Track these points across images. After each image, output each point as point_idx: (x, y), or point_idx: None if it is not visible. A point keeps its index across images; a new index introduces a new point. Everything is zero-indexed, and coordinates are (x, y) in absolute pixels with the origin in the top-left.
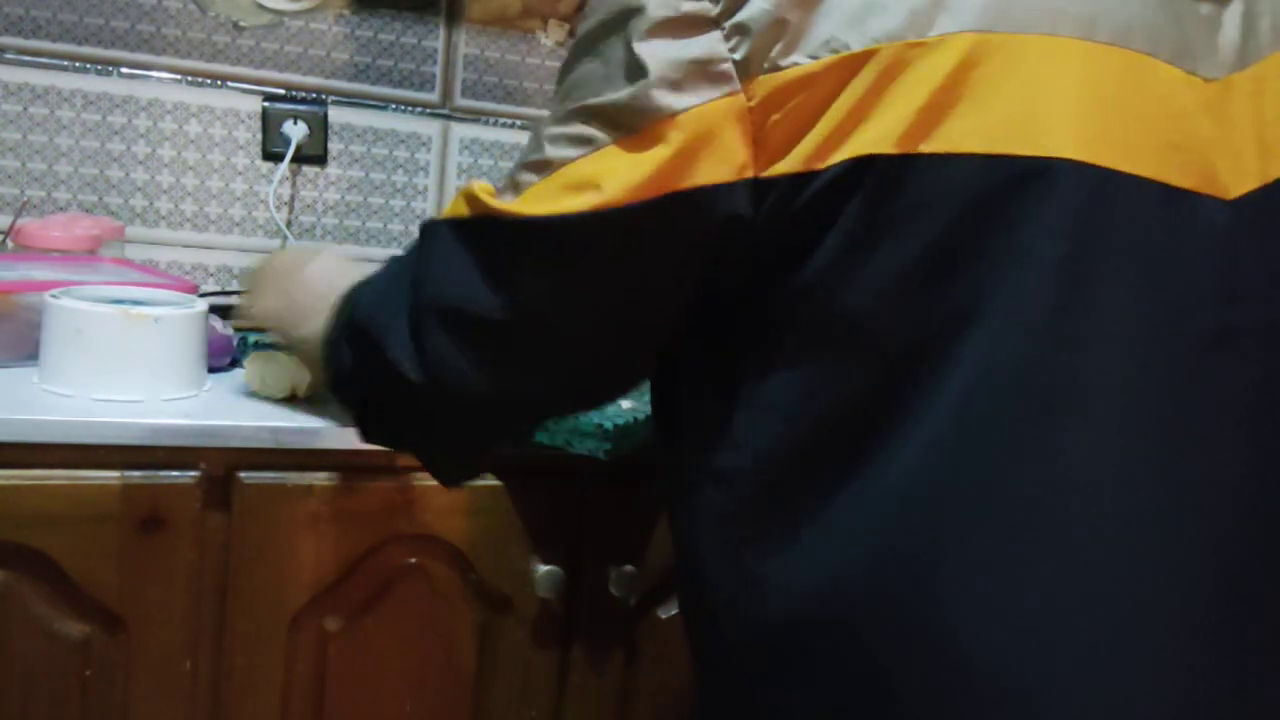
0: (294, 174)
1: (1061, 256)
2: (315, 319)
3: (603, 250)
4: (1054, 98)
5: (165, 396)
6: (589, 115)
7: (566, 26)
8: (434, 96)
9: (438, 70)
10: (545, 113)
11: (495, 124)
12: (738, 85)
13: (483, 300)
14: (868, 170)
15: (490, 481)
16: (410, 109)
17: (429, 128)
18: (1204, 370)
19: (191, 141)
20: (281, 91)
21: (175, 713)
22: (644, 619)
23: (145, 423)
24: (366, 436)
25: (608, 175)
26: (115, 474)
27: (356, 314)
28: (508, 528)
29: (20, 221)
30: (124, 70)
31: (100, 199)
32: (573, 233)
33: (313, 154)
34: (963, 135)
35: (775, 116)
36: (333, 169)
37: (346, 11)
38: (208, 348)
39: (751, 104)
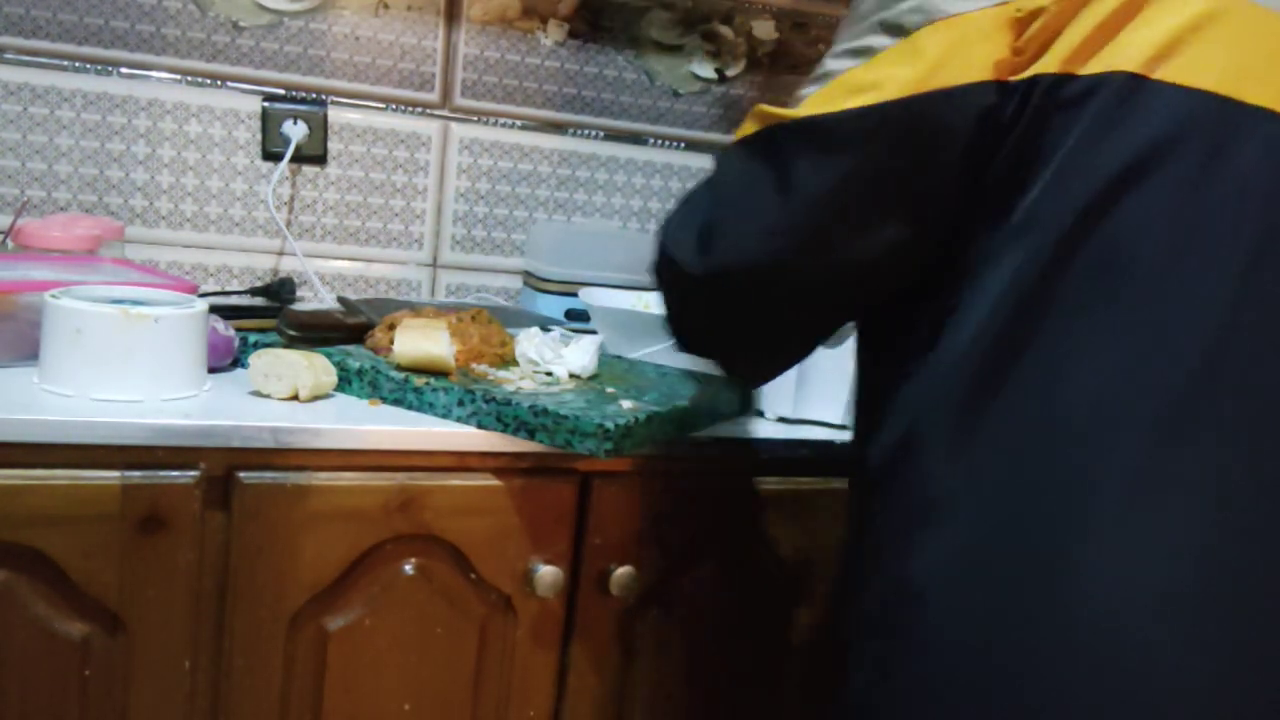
0: (294, 174)
1: (1264, 201)
2: None
3: (880, 143)
4: (1266, 56)
5: (165, 396)
6: (874, 28)
7: (566, 26)
8: (434, 96)
9: (438, 70)
10: (545, 113)
11: (495, 124)
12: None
13: (771, 199)
14: (1110, 84)
15: (490, 481)
16: (410, 109)
17: (429, 128)
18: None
19: (191, 141)
20: (281, 91)
21: (175, 712)
22: (643, 619)
23: (145, 423)
24: (682, 346)
25: (885, 76)
26: (115, 474)
27: (662, 236)
28: (508, 528)
29: (20, 221)
30: (124, 70)
31: (100, 199)
32: (851, 127)
33: (313, 154)
34: (1197, 72)
35: (1034, 27)
36: (333, 169)
37: (347, 11)
38: (208, 348)
39: (1019, 15)
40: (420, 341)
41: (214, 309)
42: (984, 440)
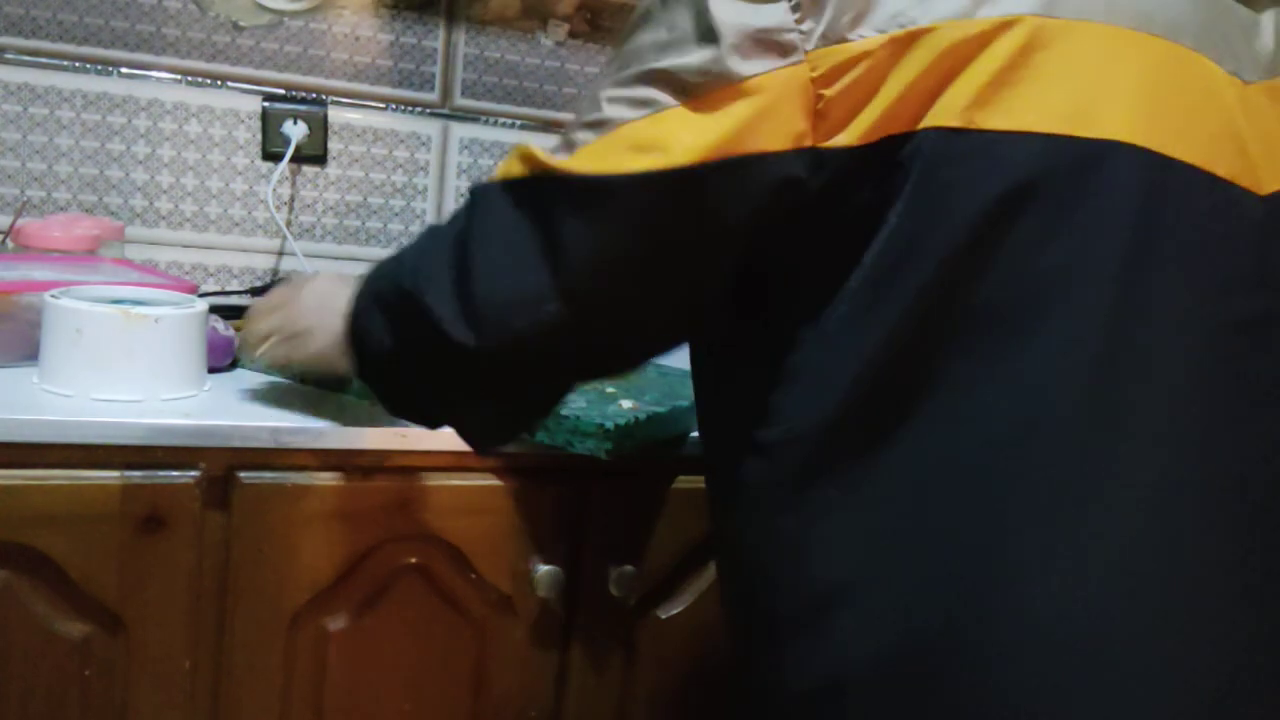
0: (294, 174)
1: (1124, 238)
2: (322, 335)
3: (663, 211)
4: (1112, 83)
5: (165, 396)
6: (653, 78)
7: (566, 26)
8: (434, 96)
9: (438, 70)
10: (545, 113)
11: (495, 124)
12: (802, 55)
13: (535, 260)
14: (929, 143)
15: (490, 481)
16: (410, 109)
17: (429, 128)
18: (1235, 353)
19: (191, 141)
20: (281, 91)
21: (175, 712)
22: (644, 619)
23: (145, 422)
24: (395, 410)
25: (671, 138)
26: (115, 474)
27: (391, 279)
28: (508, 528)
29: (20, 221)
30: (124, 70)
31: (100, 199)
32: (634, 192)
33: (312, 154)
34: (1025, 114)
35: (836, 88)
36: (333, 169)
37: (346, 11)
38: (207, 348)
39: (815, 74)
40: None
41: (214, 309)
42: (877, 509)
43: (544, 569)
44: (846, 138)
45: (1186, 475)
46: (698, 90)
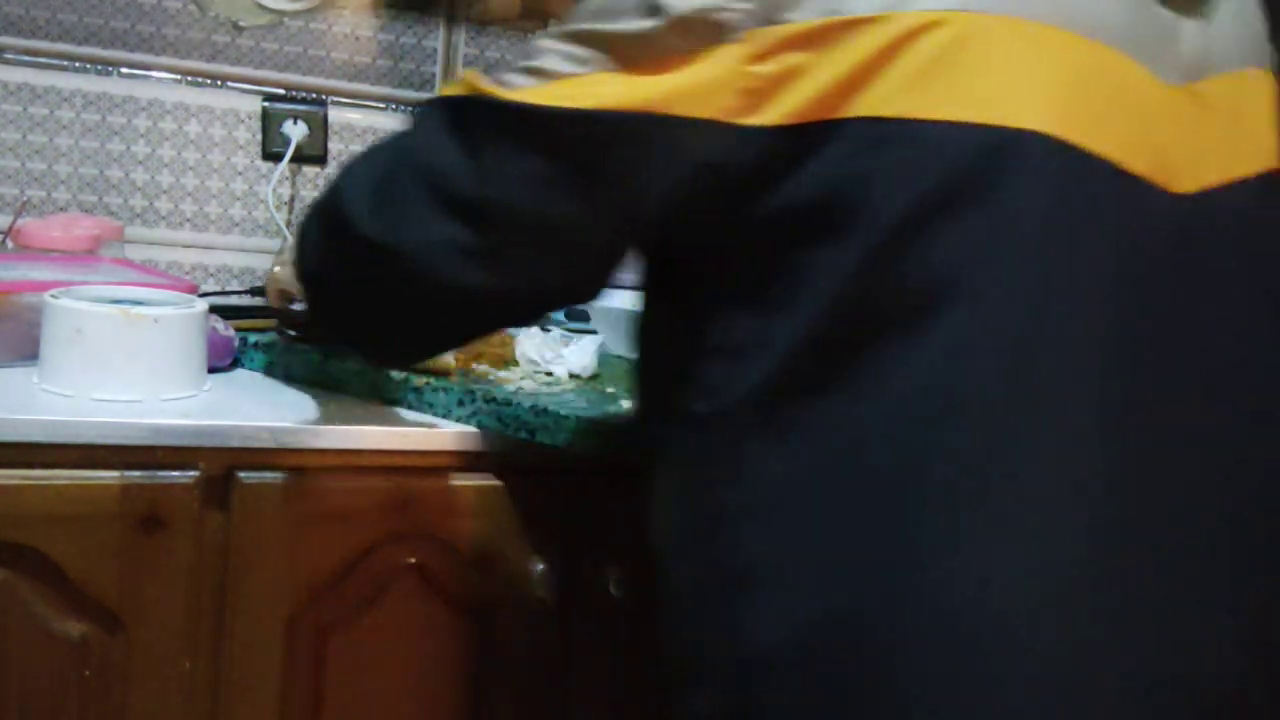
0: (294, 174)
1: (1038, 225)
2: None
3: (581, 149)
4: (1031, 76)
5: (165, 396)
6: (593, 39)
7: None
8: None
9: (438, 70)
10: None
11: None
12: (740, 34)
13: (457, 169)
14: (855, 130)
15: (490, 481)
16: (410, 109)
17: None
18: (1142, 342)
19: (191, 141)
20: (281, 91)
21: (174, 712)
22: (645, 619)
23: (145, 423)
24: (317, 311)
25: (604, 90)
26: (114, 474)
27: (338, 180)
28: (507, 527)
29: (20, 221)
30: (124, 70)
31: (100, 199)
32: (558, 125)
33: (313, 154)
34: (948, 105)
35: (768, 67)
36: (333, 169)
37: (347, 11)
38: (208, 348)
39: (750, 52)
40: None
41: (214, 309)
42: (795, 488)
43: (543, 569)
44: (773, 117)
45: (1098, 464)
46: (634, 57)
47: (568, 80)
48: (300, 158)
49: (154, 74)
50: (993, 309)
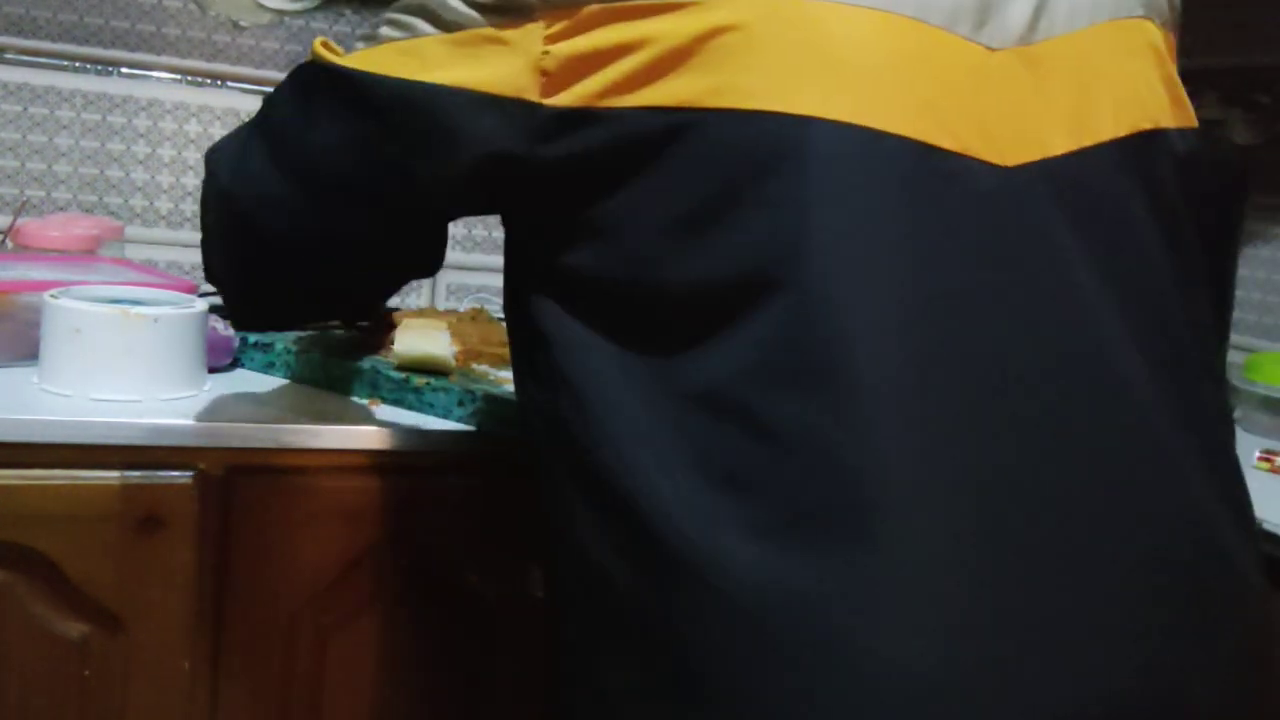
0: None
1: (828, 214)
2: None
3: (389, 114)
4: (822, 59)
5: (164, 396)
6: (419, 9)
7: None
8: None
9: None
10: None
11: None
12: (538, 14)
13: (291, 126)
14: (648, 118)
15: (490, 481)
16: None
17: None
18: (946, 325)
19: (191, 141)
20: None
21: (174, 713)
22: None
23: (144, 423)
24: (206, 271)
25: (416, 59)
26: (114, 474)
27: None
28: (508, 528)
29: (20, 221)
30: (124, 70)
31: (100, 199)
32: (369, 89)
33: None
34: (739, 93)
35: (564, 49)
36: None
37: (347, 11)
38: (207, 348)
39: (547, 32)
40: (420, 342)
41: (214, 309)
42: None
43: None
44: (569, 99)
45: (909, 452)
46: (447, 25)
47: (394, 44)
48: None
49: (154, 74)
50: (797, 303)
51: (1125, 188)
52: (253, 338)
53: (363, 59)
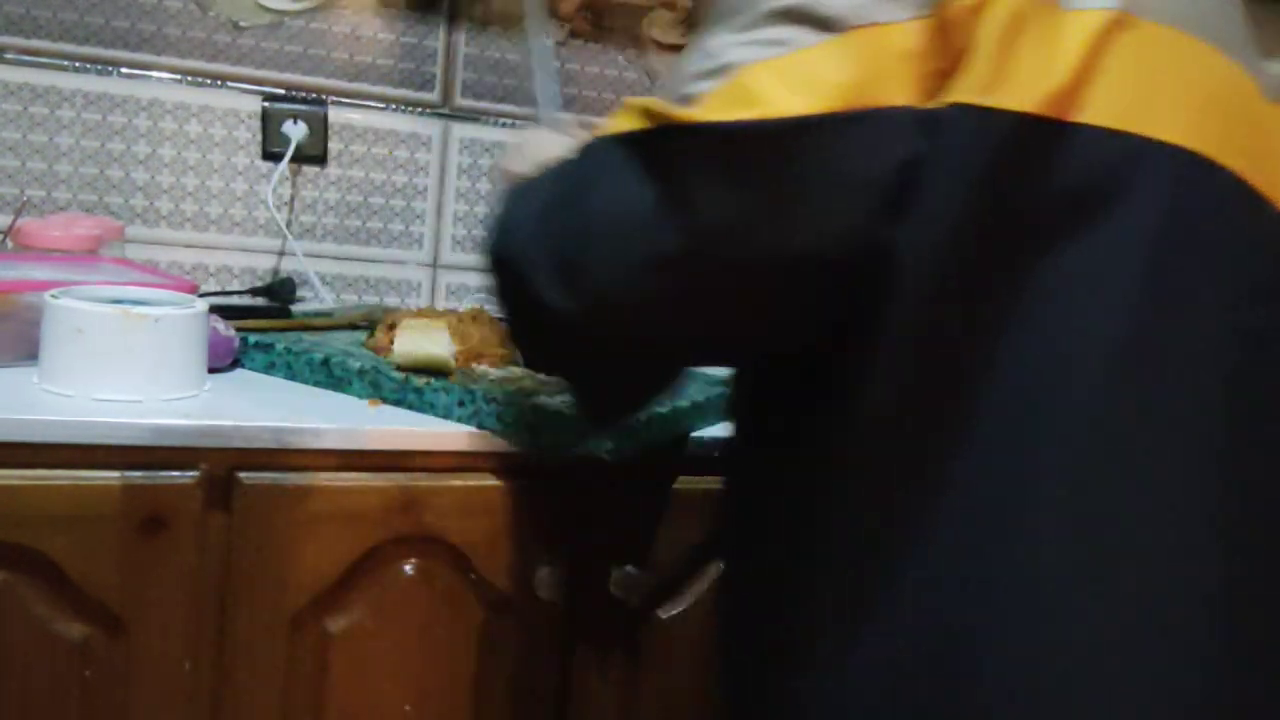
0: (294, 174)
1: (1152, 238)
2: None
3: (800, 161)
4: (1171, 85)
5: (165, 397)
6: (789, 16)
7: (567, 26)
8: (434, 96)
9: (438, 70)
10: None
11: (495, 124)
12: (929, 9)
13: (658, 221)
14: (1017, 121)
15: (492, 482)
16: (410, 109)
17: (429, 128)
18: (1246, 361)
19: (192, 141)
20: (281, 91)
21: (175, 714)
22: (646, 620)
23: (145, 423)
24: (529, 364)
25: (802, 80)
26: (115, 474)
27: (498, 241)
28: (508, 528)
29: (20, 221)
30: (124, 70)
31: (100, 199)
32: (769, 140)
33: (313, 154)
34: (1095, 107)
35: (954, 43)
36: (333, 169)
37: (347, 11)
38: (208, 348)
39: (941, 27)
40: (421, 342)
41: (214, 309)
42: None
43: (545, 569)
44: (961, 95)
45: (1212, 499)
46: (837, 29)
47: (762, 66)
48: (300, 158)
49: (154, 74)
50: (1099, 319)
51: None
52: (253, 338)
53: (728, 105)
